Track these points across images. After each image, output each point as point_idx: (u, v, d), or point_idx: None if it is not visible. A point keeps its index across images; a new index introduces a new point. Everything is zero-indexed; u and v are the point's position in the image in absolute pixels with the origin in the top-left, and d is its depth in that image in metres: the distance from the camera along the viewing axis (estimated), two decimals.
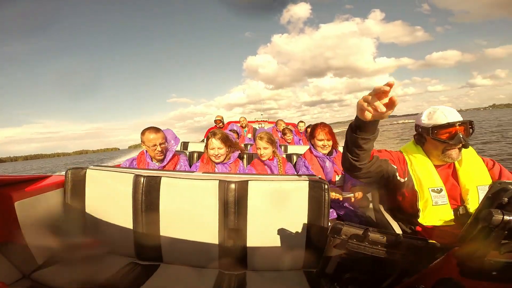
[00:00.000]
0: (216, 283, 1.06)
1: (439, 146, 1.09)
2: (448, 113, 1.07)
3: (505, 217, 0.44)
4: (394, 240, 0.58)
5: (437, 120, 1.08)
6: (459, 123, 1.05)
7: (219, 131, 1.76)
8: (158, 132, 1.64)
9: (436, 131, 1.07)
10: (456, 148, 1.07)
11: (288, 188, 1.16)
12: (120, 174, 1.25)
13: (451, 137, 1.05)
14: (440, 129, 1.07)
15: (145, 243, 1.19)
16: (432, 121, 1.09)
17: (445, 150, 1.08)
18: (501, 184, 0.51)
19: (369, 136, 0.86)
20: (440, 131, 1.07)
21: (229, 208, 1.14)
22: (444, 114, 1.07)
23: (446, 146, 1.07)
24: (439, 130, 1.07)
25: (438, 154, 1.11)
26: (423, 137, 1.16)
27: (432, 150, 1.13)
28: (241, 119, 4.93)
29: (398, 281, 0.67)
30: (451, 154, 1.08)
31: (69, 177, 1.26)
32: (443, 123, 1.06)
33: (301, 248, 1.15)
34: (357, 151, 0.93)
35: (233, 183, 1.14)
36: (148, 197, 1.18)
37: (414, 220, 1.14)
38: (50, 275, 1.05)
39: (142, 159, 1.71)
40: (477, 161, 1.14)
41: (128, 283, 1.03)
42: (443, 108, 1.10)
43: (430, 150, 1.15)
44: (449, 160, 1.10)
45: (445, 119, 1.06)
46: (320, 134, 1.79)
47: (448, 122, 1.05)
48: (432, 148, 1.13)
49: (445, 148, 1.08)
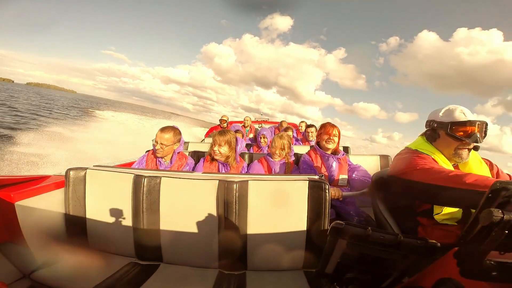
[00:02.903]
0: (216, 283, 1.06)
1: (452, 144, 1.07)
2: (467, 112, 1.06)
3: (505, 217, 0.43)
4: (394, 240, 0.58)
5: (456, 117, 1.06)
6: (479, 122, 1.04)
7: (229, 131, 1.78)
8: (168, 132, 1.67)
9: (455, 127, 1.05)
10: (467, 148, 1.06)
11: (288, 188, 1.16)
12: (121, 174, 1.25)
13: (468, 136, 1.03)
14: (459, 125, 1.05)
15: (145, 243, 1.19)
16: (451, 118, 1.07)
17: (458, 149, 1.06)
18: (501, 184, 0.51)
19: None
20: (459, 128, 1.05)
21: (229, 208, 1.14)
22: (463, 113, 1.06)
23: (459, 144, 1.06)
24: (457, 127, 1.05)
25: (449, 152, 1.09)
26: (436, 133, 1.12)
27: (444, 148, 1.10)
28: (246, 119, 4.95)
29: (398, 281, 0.67)
30: (462, 154, 1.06)
31: (69, 177, 1.26)
32: (463, 120, 1.04)
33: (301, 248, 1.15)
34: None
35: (233, 183, 1.14)
36: (148, 197, 1.18)
37: (416, 219, 1.13)
38: (50, 275, 1.05)
39: (151, 157, 1.74)
40: (480, 162, 1.13)
41: (128, 283, 1.03)
42: (462, 107, 1.09)
43: (442, 147, 1.11)
44: (459, 160, 1.08)
45: (464, 117, 1.05)
46: (330, 129, 1.78)
47: (469, 119, 1.04)
48: (445, 146, 1.10)
49: (458, 147, 1.06)
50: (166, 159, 1.71)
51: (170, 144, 1.66)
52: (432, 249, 0.58)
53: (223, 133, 1.74)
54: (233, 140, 1.76)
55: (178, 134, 1.74)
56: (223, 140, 1.71)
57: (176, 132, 1.73)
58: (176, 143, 1.71)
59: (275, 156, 1.85)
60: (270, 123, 6.37)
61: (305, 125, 4.41)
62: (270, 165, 1.87)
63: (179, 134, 1.74)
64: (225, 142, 1.71)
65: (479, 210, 0.51)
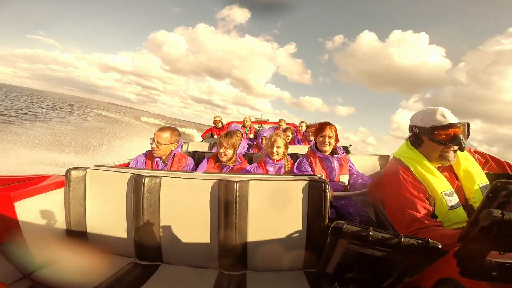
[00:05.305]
0: (216, 283, 1.06)
1: (437, 148, 1.06)
2: (446, 113, 1.05)
3: (505, 217, 0.43)
4: (394, 240, 0.58)
5: (436, 121, 1.05)
6: (460, 124, 1.03)
7: (235, 133, 1.78)
8: (166, 132, 1.68)
9: (437, 131, 1.04)
10: (452, 150, 1.05)
11: (288, 188, 1.16)
12: (121, 174, 1.25)
13: (451, 139, 1.02)
14: (441, 129, 1.03)
15: (145, 243, 1.19)
16: (432, 122, 1.06)
17: (443, 152, 1.05)
18: (501, 184, 0.51)
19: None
20: (441, 132, 1.03)
21: (229, 208, 1.14)
22: (443, 115, 1.05)
23: (444, 148, 1.05)
24: (440, 131, 1.04)
25: (436, 156, 1.08)
26: (420, 139, 1.11)
27: (430, 152, 1.09)
28: (246, 119, 4.95)
29: (398, 281, 0.67)
30: (448, 156, 1.05)
31: (69, 177, 1.26)
32: (444, 124, 1.03)
33: (301, 248, 1.15)
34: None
35: (233, 183, 1.14)
36: (149, 197, 1.18)
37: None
38: (50, 275, 1.05)
39: (151, 157, 1.74)
40: (471, 160, 1.13)
41: (128, 283, 1.03)
42: (442, 108, 1.07)
43: (427, 152, 1.10)
44: (446, 162, 1.07)
45: (445, 120, 1.04)
46: (326, 130, 1.75)
47: (450, 123, 1.03)
48: (430, 151, 1.09)
49: (443, 150, 1.05)
50: (163, 159, 1.71)
51: (166, 143, 1.66)
52: (433, 250, 0.58)
53: (229, 136, 1.73)
54: (239, 142, 1.75)
55: (176, 135, 1.73)
56: (229, 143, 1.71)
57: (175, 133, 1.73)
58: (173, 143, 1.70)
59: (273, 155, 1.80)
60: (270, 123, 6.37)
61: (305, 125, 4.41)
62: (268, 168, 1.83)
63: (177, 135, 1.74)
64: (231, 144, 1.71)
65: (479, 210, 0.51)
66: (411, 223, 0.98)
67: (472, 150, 1.20)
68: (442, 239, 0.66)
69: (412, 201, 1.02)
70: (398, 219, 1.05)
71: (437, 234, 0.89)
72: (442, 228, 0.95)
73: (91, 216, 1.25)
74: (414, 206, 1.01)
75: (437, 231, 0.91)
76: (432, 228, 0.94)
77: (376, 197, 1.40)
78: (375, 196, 1.43)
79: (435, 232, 0.91)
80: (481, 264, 0.50)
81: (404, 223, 1.00)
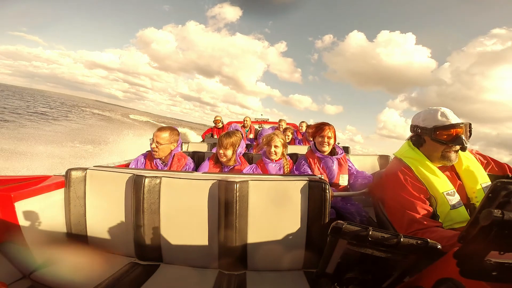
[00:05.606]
0: (216, 283, 1.06)
1: (439, 148, 1.06)
2: (448, 113, 1.05)
3: (505, 217, 0.43)
4: (394, 240, 0.58)
5: (438, 121, 1.05)
6: (462, 124, 1.03)
7: (234, 133, 1.76)
8: (165, 132, 1.68)
9: (439, 132, 1.04)
10: (454, 150, 1.05)
11: (288, 188, 1.16)
12: (121, 175, 1.25)
13: (453, 139, 1.02)
14: (443, 130, 1.03)
15: (145, 243, 1.19)
16: (434, 122, 1.06)
17: (445, 152, 1.06)
18: (501, 184, 0.51)
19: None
20: (443, 132, 1.04)
21: (229, 208, 1.14)
22: (445, 115, 1.05)
23: (446, 148, 1.05)
24: (441, 131, 1.04)
25: (437, 156, 1.08)
26: (421, 138, 1.11)
27: (432, 152, 1.09)
28: (246, 119, 4.95)
29: (398, 281, 0.67)
30: (450, 156, 1.06)
31: (69, 177, 1.26)
32: (446, 124, 1.03)
33: (301, 248, 1.15)
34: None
35: (233, 183, 1.14)
36: (149, 197, 1.18)
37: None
38: (50, 275, 1.05)
39: (150, 158, 1.74)
40: (472, 160, 1.13)
41: (128, 283, 1.03)
42: (444, 109, 1.08)
43: (429, 152, 1.11)
44: (448, 162, 1.07)
45: (447, 120, 1.04)
46: (326, 130, 1.74)
47: (452, 123, 1.03)
48: (432, 150, 1.09)
49: (445, 150, 1.05)
50: (163, 159, 1.71)
51: (166, 143, 1.66)
52: (432, 250, 0.58)
53: (228, 136, 1.71)
54: (239, 142, 1.73)
55: (175, 134, 1.73)
56: (228, 143, 1.69)
57: (174, 132, 1.72)
58: (173, 143, 1.70)
59: (271, 155, 1.79)
60: (270, 123, 6.37)
61: (305, 125, 4.41)
62: (268, 168, 1.82)
63: (176, 135, 1.74)
64: (230, 144, 1.69)
65: (479, 210, 0.51)
66: (410, 224, 0.98)
67: (474, 151, 1.20)
68: (441, 241, 0.67)
69: (412, 202, 1.02)
70: (398, 220, 1.05)
71: (436, 235, 0.89)
72: (441, 229, 0.95)
73: (91, 216, 1.26)
74: (413, 207, 1.01)
75: (436, 232, 0.91)
76: (431, 229, 0.94)
77: (377, 197, 1.40)
78: (375, 196, 1.43)
79: (434, 233, 0.91)
80: (481, 264, 0.50)
81: (404, 224, 1.00)
